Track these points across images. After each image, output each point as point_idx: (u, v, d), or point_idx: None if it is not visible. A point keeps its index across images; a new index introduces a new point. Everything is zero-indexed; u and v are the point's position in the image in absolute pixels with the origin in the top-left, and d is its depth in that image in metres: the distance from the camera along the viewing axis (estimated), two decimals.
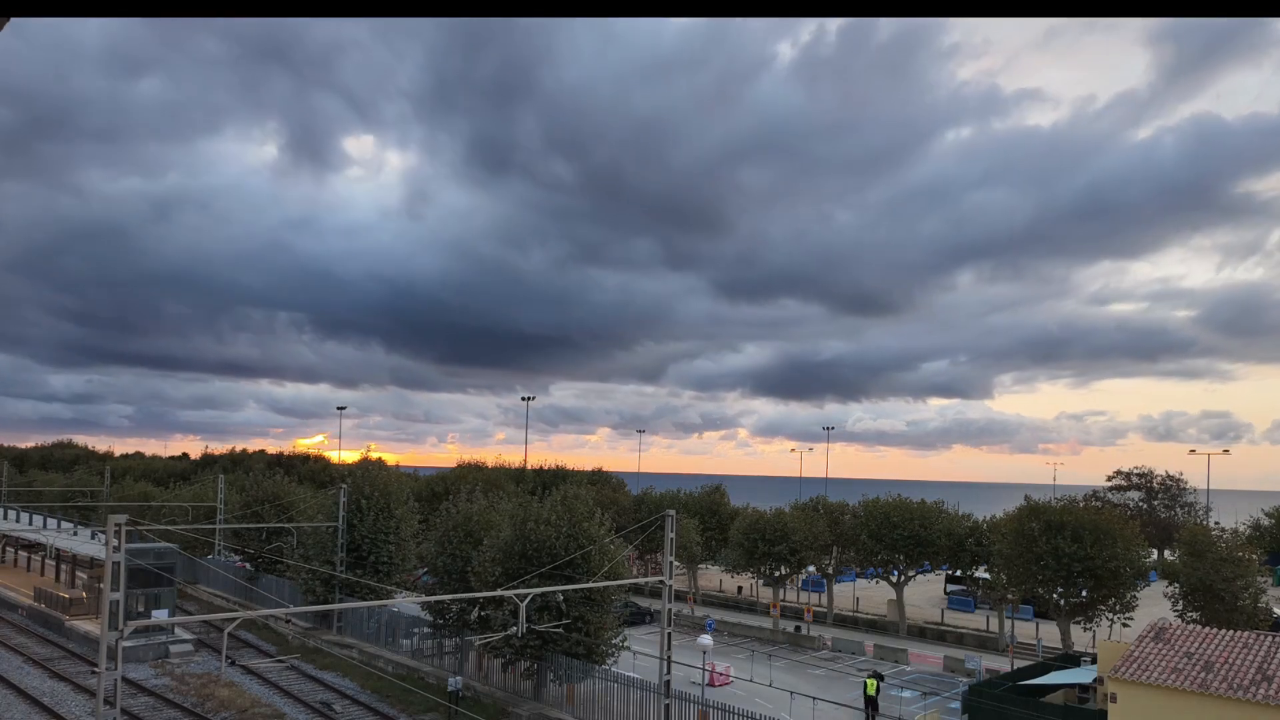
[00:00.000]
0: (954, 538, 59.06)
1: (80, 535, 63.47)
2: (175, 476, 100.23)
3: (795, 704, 38.12)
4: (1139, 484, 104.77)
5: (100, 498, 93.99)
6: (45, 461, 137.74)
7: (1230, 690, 26.21)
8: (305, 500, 61.17)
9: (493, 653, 37.78)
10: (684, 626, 56.19)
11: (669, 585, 31.58)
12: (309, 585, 49.37)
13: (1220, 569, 43.62)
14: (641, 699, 33.09)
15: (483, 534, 40.92)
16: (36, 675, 40.84)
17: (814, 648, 52.89)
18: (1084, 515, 47.99)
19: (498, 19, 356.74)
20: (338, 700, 37.94)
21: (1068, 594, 47.44)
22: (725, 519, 73.47)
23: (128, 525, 24.81)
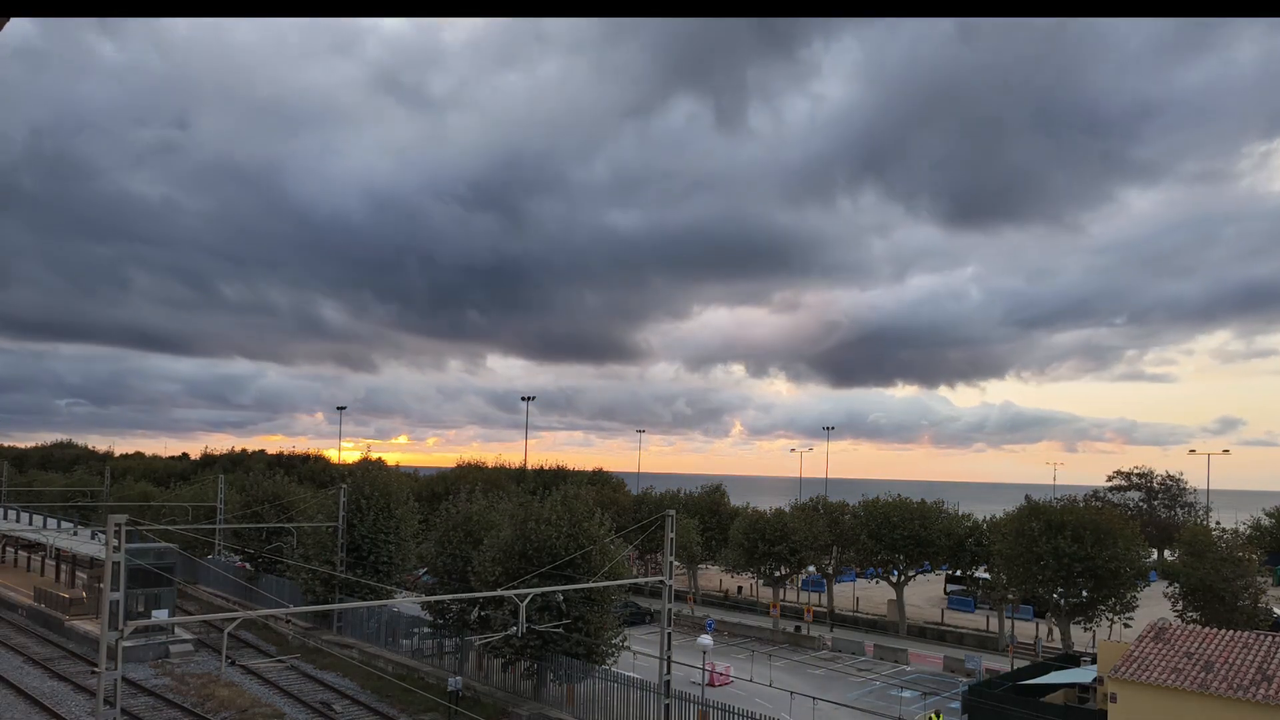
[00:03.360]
0: (954, 538, 59.10)
1: (80, 535, 63.47)
2: (175, 476, 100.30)
3: (795, 704, 38.13)
4: (1139, 484, 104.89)
5: (100, 498, 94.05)
6: (45, 461, 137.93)
7: (1230, 690, 26.21)
8: (305, 500, 61.14)
9: (493, 653, 37.78)
10: (684, 626, 56.18)
11: (669, 585, 31.58)
12: (309, 585, 49.37)
13: (1220, 569, 43.64)
14: (641, 699, 33.09)
15: (483, 534, 40.90)
16: (36, 675, 40.84)
17: (814, 648, 52.89)
18: (1084, 515, 48.02)
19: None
20: (338, 700, 37.93)
21: (1068, 594, 47.46)
22: (725, 519, 73.49)
23: (128, 525, 24.82)
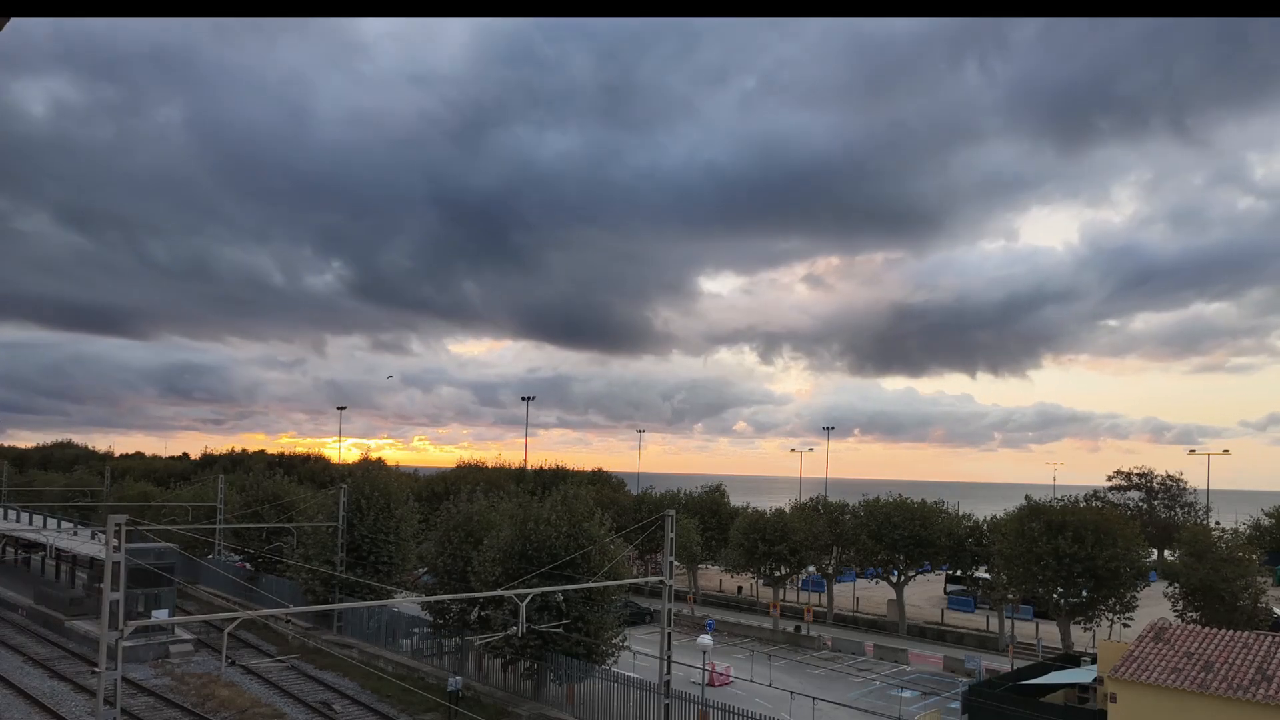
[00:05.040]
0: (954, 538, 59.11)
1: (80, 535, 63.47)
2: (175, 476, 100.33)
3: (795, 704, 38.13)
4: (1139, 484, 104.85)
5: (100, 498, 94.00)
6: (45, 461, 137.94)
7: (1230, 690, 26.21)
8: (305, 500, 61.15)
9: (493, 653, 37.79)
10: (684, 626, 56.17)
11: (669, 585, 31.58)
12: (309, 585, 49.38)
13: (1220, 569, 43.64)
14: (641, 699, 33.09)
15: (483, 534, 40.91)
16: (36, 675, 40.86)
17: (814, 648, 52.89)
18: (1085, 515, 48.03)
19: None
20: (338, 700, 37.93)
21: (1068, 594, 47.46)
22: (725, 519, 73.51)
23: (128, 525, 24.82)
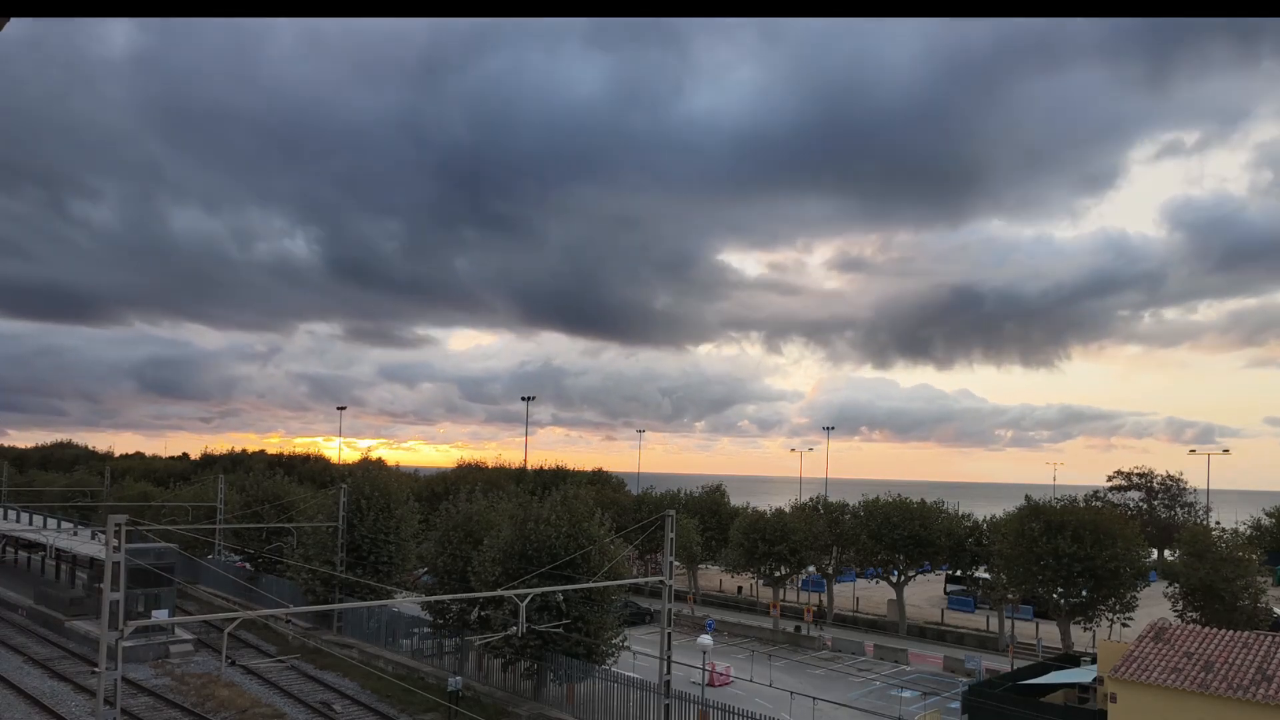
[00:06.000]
0: (954, 538, 59.09)
1: (80, 535, 63.47)
2: (175, 476, 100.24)
3: (795, 704, 38.12)
4: (1139, 484, 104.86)
5: (100, 498, 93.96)
6: (45, 461, 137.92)
7: (1230, 690, 26.21)
8: (305, 500, 61.16)
9: (493, 653, 37.78)
10: (684, 626, 56.15)
11: (669, 585, 31.57)
12: (309, 585, 49.37)
13: (1221, 569, 43.62)
14: (641, 699, 33.08)
15: (483, 534, 40.91)
16: (36, 675, 40.86)
17: (814, 648, 52.88)
18: (1084, 515, 48.02)
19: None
20: (338, 700, 37.93)
21: (1068, 594, 47.45)
22: (725, 519, 73.51)
23: (128, 525, 24.82)
